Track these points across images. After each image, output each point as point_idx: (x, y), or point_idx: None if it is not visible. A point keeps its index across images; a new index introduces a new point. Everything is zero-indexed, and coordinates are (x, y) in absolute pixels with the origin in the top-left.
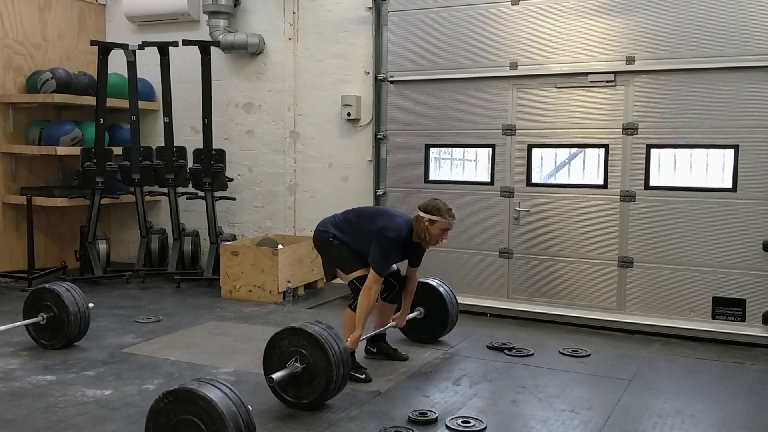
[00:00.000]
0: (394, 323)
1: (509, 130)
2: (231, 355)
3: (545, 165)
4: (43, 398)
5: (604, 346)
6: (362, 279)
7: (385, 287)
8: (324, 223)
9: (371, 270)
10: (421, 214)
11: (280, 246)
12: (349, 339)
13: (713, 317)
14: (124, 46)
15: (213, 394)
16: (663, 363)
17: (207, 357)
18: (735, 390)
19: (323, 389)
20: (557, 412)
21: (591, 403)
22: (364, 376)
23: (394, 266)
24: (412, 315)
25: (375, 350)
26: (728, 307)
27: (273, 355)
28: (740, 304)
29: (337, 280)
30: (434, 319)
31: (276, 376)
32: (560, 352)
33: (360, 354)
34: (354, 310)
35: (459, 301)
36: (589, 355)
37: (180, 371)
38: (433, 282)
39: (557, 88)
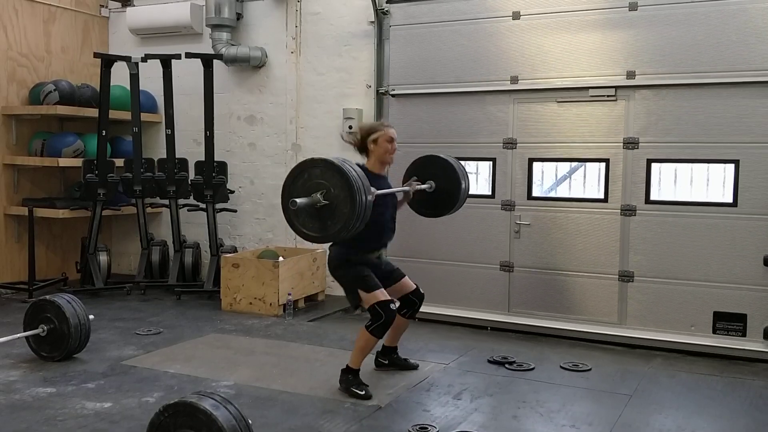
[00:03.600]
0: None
1: (510, 144)
2: (231, 368)
3: (546, 178)
4: (42, 411)
5: (605, 361)
6: (384, 304)
7: (404, 304)
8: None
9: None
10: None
11: (281, 258)
12: (353, 358)
13: (714, 332)
14: (127, 59)
15: (213, 407)
16: (664, 378)
17: (207, 370)
18: (737, 405)
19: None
20: (558, 427)
21: (592, 419)
22: (363, 392)
23: (412, 285)
24: (422, 187)
25: (386, 362)
26: (729, 321)
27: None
28: (741, 318)
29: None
30: (443, 194)
31: (300, 201)
32: (561, 367)
33: (369, 366)
34: (369, 330)
35: (459, 314)
36: (590, 369)
37: (180, 384)
38: (450, 159)
39: (558, 102)
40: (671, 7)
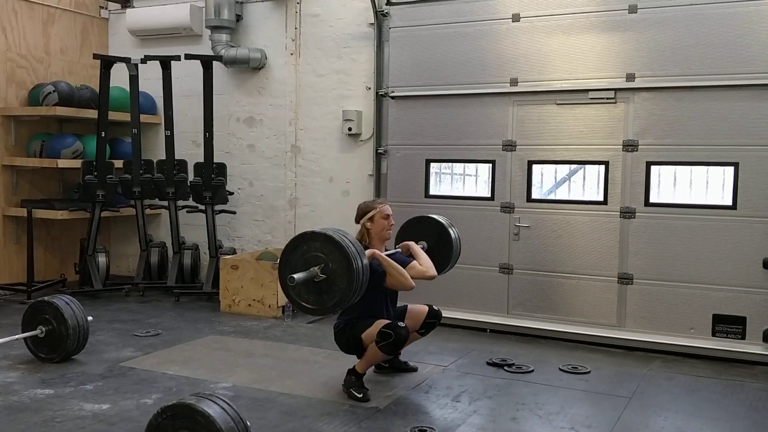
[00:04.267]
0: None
1: (509, 146)
2: (230, 369)
3: (545, 181)
4: (40, 412)
5: (604, 363)
6: (390, 324)
7: (422, 326)
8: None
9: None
10: (361, 223)
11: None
12: (360, 363)
13: (713, 335)
14: (126, 60)
15: (211, 409)
16: (663, 380)
17: (206, 372)
18: (736, 408)
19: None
20: (557, 429)
21: (591, 421)
22: (361, 395)
23: (423, 308)
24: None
25: (386, 365)
26: (728, 324)
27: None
28: (740, 321)
29: None
30: (438, 248)
31: (298, 276)
32: (560, 369)
33: (370, 369)
34: (378, 347)
35: (458, 317)
36: (589, 372)
37: (178, 386)
38: (442, 220)
39: (557, 104)
40: (671, 10)
